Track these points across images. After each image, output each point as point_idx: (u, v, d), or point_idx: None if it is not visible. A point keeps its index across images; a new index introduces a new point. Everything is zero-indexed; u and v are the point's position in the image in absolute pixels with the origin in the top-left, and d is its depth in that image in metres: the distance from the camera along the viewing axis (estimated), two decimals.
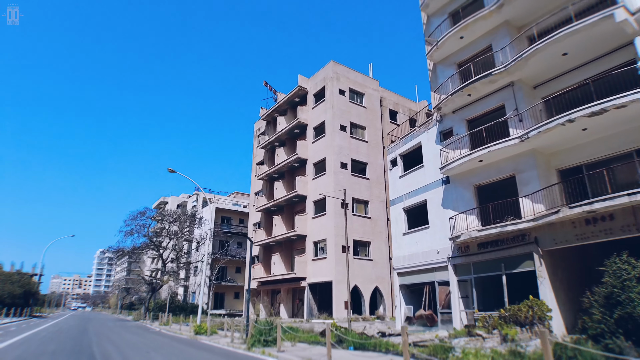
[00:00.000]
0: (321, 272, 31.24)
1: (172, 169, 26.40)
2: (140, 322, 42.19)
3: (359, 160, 34.35)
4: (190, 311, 46.27)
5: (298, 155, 35.14)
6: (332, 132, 33.31)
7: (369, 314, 31.17)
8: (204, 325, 23.43)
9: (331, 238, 30.99)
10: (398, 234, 25.05)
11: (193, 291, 52.58)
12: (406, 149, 25.56)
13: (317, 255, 32.30)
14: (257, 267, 38.29)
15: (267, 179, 40.55)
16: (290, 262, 36.26)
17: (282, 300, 35.10)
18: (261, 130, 44.48)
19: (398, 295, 24.37)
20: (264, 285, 37.66)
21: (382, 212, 34.48)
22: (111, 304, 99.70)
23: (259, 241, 38.44)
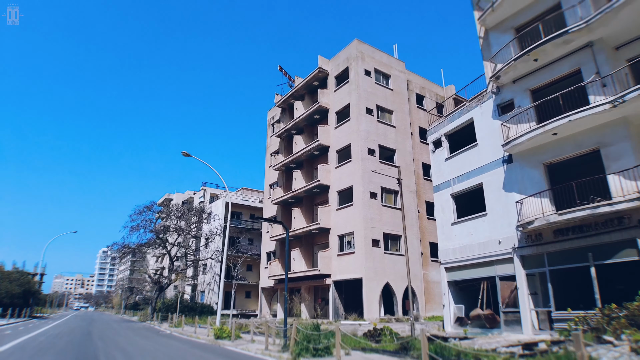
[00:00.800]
0: (348, 269, 27.93)
1: (187, 152, 23.14)
2: (148, 324, 38.82)
3: (386, 147, 31.06)
4: (200, 311, 42.97)
5: (319, 142, 31.84)
6: (358, 115, 30.02)
7: (402, 314, 27.86)
8: (225, 328, 20.09)
9: (360, 231, 27.69)
10: (445, 224, 21.75)
11: (202, 290, 49.22)
12: (453, 127, 22.28)
13: (344, 250, 28.98)
14: (274, 263, 34.96)
15: (284, 169, 37.22)
16: (311, 258, 32.96)
17: (303, 300, 31.78)
18: (276, 118, 41.18)
19: (446, 293, 21.07)
20: (281, 283, 34.33)
21: (412, 203, 31.18)
22: (114, 304, 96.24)
23: (275, 236, 35.12)
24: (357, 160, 29.20)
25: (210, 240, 46.20)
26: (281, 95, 39.67)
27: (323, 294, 31.90)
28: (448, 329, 20.37)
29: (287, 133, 37.32)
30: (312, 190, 32.52)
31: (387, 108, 32.13)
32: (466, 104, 21.82)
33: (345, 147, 30.78)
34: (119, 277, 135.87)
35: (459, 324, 20.32)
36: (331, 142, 32.25)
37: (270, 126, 42.15)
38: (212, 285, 46.87)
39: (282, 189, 36.93)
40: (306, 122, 35.51)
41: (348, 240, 28.87)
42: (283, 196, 35.25)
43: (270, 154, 40.81)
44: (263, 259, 38.44)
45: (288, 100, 38.13)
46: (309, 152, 33.42)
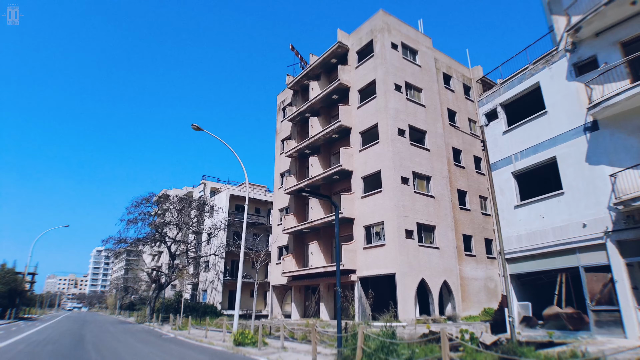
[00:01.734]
0: (377, 263, 24.33)
1: (197, 125, 19.42)
2: (147, 326, 34.89)
3: (417, 128, 27.54)
4: (204, 312, 39.14)
5: (341, 123, 28.22)
6: (386, 92, 26.47)
7: (438, 313, 24.33)
8: (247, 332, 16.34)
9: (391, 220, 24.11)
10: (506, 208, 18.26)
11: (204, 289, 45.33)
12: (511, 95, 18.82)
13: (371, 242, 25.37)
14: (287, 258, 31.25)
15: (297, 155, 33.54)
16: (331, 252, 29.31)
17: (323, 298, 28.09)
18: (287, 102, 37.49)
19: (510, 290, 17.52)
20: (296, 281, 30.63)
21: (445, 191, 27.68)
22: (109, 304, 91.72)
23: (288, 228, 31.41)
24: (386, 141, 25.63)
25: (213, 235, 42.33)
26: (293, 77, 36.02)
27: (347, 292, 28.25)
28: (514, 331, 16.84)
29: (300, 116, 33.65)
30: (332, 177, 28.88)
31: (415, 85, 28.62)
32: (528, 67, 18.32)
33: (370, 127, 27.21)
34: (113, 276, 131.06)
35: (525, 325, 16.82)
36: (353, 123, 28.66)
37: (280, 111, 38.45)
38: (215, 284, 43.03)
39: (295, 177, 33.24)
40: (323, 104, 31.89)
41: (376, 232, 25.26)
42: (297, 185, 31.57)
43: (280, 141, 37.11)
44: (274, 255, 34.71)
45: (301, 81, 34.47)
46: (327, 135, 29.79)
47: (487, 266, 28.81)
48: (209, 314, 38.88)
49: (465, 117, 32.06)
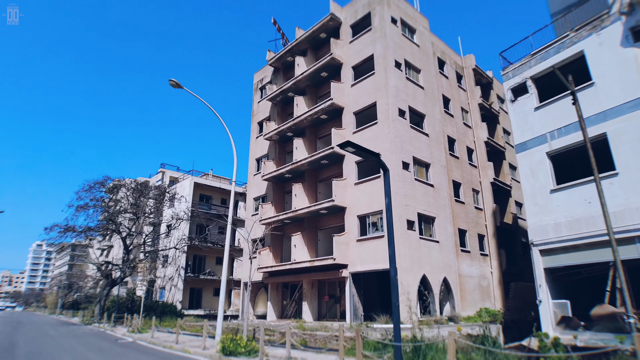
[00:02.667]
0: (375, 257, 21.30)
1: (176, 81, 15.48)
2: (96, 327, 29.87)
3: (416, 110, 24.86)
4: (162, 312, 34.43)
5: (333, 102, 24.98)
6: (386, 68, 23.58)
7: (439, 313, 21.66)
8: (239, 338, 12.64)
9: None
10: (539, 192, 15.73)
11: (162, 286, 40.44)
12: (546, 67, 16.38)
13: (367, 233, 22.29)
14: (264, 252, 27.55)
15: (277, 138, 29.91)
16: (314, 245, 25.98)
17: (305, 297, 24.66)
18: (266, 80, 33.73)
19: (542, 285, 15.02)
20: (275, 277, 27.00)
21: (444, 180, 25.18)
22: (48, 303, 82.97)
23: (266, 219, 27.74)
24: (386, 121, 22.70)
25: (174, 227, 37.67)
26: (274, 53, 32.40)
27: (331, 290, 25.01)
28: (550, 333, 14.29)
29: (282, 95, 30.06)
30: (319, 161, 25.57)
31: (414, 65, 25.96)
32: (569, 35, 15.95)
33: (367, 107, 24.19)
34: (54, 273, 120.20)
35: (565, 327, 14.32)
36: (346, 103, 25.52)
37: (257, 90, 34.60)
38: (175, 281, 38.35)
39: (274, 162, 29.60)
40: (309, 82, 28.51)
41: (373, 222, 22.22)
42: (277, 171, 27.96)
43: (257, 123, 33.28)
44: (246, 249, 30.80)
45: (284, 57, 30.91)
46: (314, 115, 26.45)
47: (480, 263, 26.61)
48: (169, 314, 34.26)
49: (458, 105, 29.84)
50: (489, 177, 29.78)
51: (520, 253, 30.70)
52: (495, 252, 28.14)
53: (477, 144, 30.56)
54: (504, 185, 30.89)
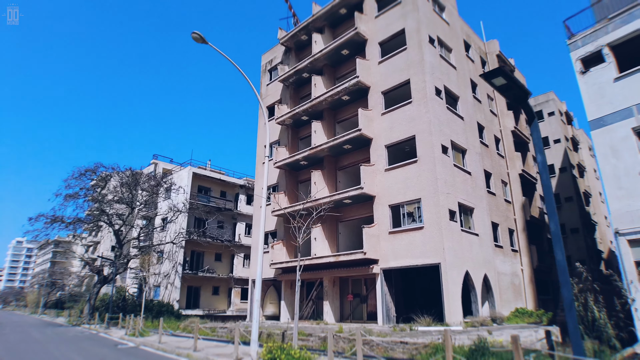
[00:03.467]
0: (412, 251, 18.73)
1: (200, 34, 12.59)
2: (87, 329, 26.57)
3: (450, 91, 22.42)
4: (158, 312, 31.30)
5: (359, 80, 22.32)
6: (420, 43, 21.05)
7: (482, 314, 19.24)
8: (288, 347, 9.87)
9: (430, 197, 18.65)
10: (623, 174, 13.39)
11: (156, 284, 37.15)
12: (628, 32, 14.03)
13: (401, 225, 19.68)
14: (277, 246, 24.73)
15: (291, 122, 27.09)
16: (335, 238, 23.30)
17: (327, 296, 21.93)
18: (275, 62, 30.85)
19: (634, 281, 12.65)
20: (289, 274, 24.20)
21: (479, 168, 22.82)
22: (29, 302, 78.18)
23: (279, 210, 24.93)
24: (423, 100, 20.16)
25: (171, 219, 34.48)
26: (286, 31, 29.60)
27: (355, 288, 22.35)
28: None
29: (296, 76, 27.26)
30: (341, 146, 22.89)
31: (446, 43, 23.53)
32: None
33: (398, 85, 21.61)
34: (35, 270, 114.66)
35: None
36: (373, 82, 22.89)
37: (265, 73, 31.68)
38: (171, 278, 35.16)
39: (287, 148, 26.81)
40: (327, 61, 25.80)
41: (408, 212, 19.63)
42: (292, 157, 25.17)
43: (266, 107, 30.42)
44: (256, 244, 27.89)
45: (298, 35, 28.13)
46: (335, 96, 23.75)
47: (511, 260, 24.31)
48: (165, 314, 31.14)
49: (484, 91, 27.52)
50: (517, 168, 27.55)
51: (547, 250, 28.59)
52: (526, 248, 25.91)
53: (504, 133, 28.33)
54: (530, 178, 28.72)
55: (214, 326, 20.72)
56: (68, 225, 29.93)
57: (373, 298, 20.98)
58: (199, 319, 24.58)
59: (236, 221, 40.02)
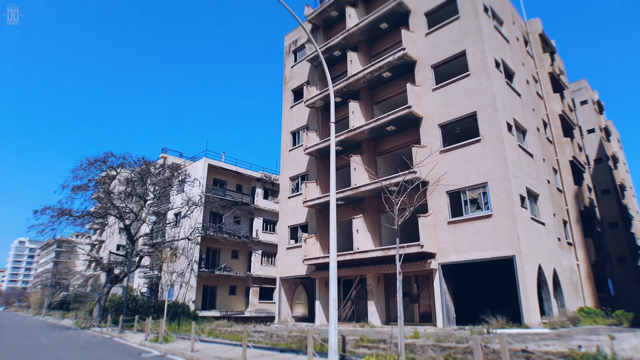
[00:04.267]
0: (478, 243, 16.08)
1: None
2: (98, 333, 23.81)
3: (507, 65, 19.79)
4: (174, 313, 28.61)
5: (405, 52, 19.62)
6: (476, 11, 18.43)
7: (556, 312, 16.57)
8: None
9: (499, 181, 16.02)
10: None
11: (170, 283, 34.36)
12: None
13: (462, 213, 17.01)
14: (310, 240, 21.99)
15: (322, 105, 24.38)
16: (378, 231, 20.60)
17: (371, 295, 19.21)
18: (301, 42, 28.16)
19: None
20: (324, 271, 21.47)
21: (539, 151, 20.28)
22: (32, 303, 75.27)
23: (311, 200, 22.25)
24: (483, 72, 17.53)
25: (186, 214, 31.72)
26: (312, 8, 26.93)
27: (405, 286, 19.61)
28: None
29: (327, 54, 24.56)
30: (385, 127, 20.22)
31: (498, 15, 20.91)
32: None
33: (451, 58, 18.96)
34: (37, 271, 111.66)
35: None
36: (420, 55, 20.25)
37: (289, 54, 28.96)
38: (187, 277, 32.41)
39: (317, 133, 24.13)
40: (363, 37, 23.14)
41: (471, 198, 16.96)
42: (324, 142, 22.47)
43: (291, 91, 27.64)
44: (283, 238, 25.17)
45: (328, 11, 25.44)
46: (375, 73, 21.08)
47: (567, 254, 21.66)
48: (181, 315, 28.45)
49: (529, 72, 24.86)
50: (567, 154, 24.93)
51: (599, 243, 25.98)
52: (581, 241, 23.27)
53: (551, 117, 25.71)
54: (579, 165, 26.09)
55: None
56: (76, 220, 27.15)
57: (426, 297, 18.31)
58: (225, 321, 21.89)
59: (253, 216, 37.28)
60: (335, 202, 10.37)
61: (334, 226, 9.96)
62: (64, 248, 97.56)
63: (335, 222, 10.01)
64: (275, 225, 38.68)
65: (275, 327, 20.01)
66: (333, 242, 9.69)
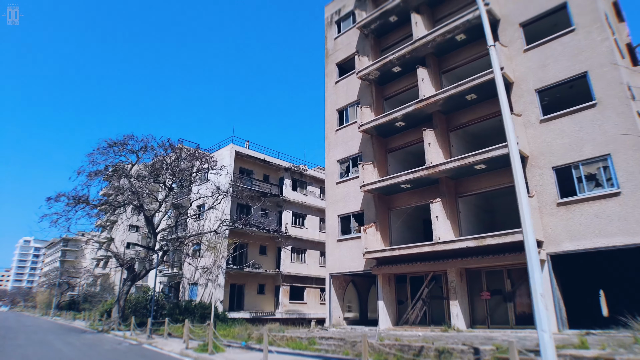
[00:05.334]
0: (600, 228, 12.92)
1: None
2: (121, 338, 20.65)
3: (609, 22, 16.65)
4: (202, 315, 25.62)
5: (490, 7, 16.48)
6: None
7: None
8: None
9: (625, 152, 12.90)
10: None
11: (194, 282, 31.24)
12: None
13: (577, 192, 13.83)
14: (370, 230, 18.80)
15: (377, 76, 21.17)
16: (456, 218, 17.41)
17: (454, 294, 16.03)
18: (345, 11, 24.99)
19: None
20: (388, 266, 18.27)
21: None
22: (39, 303, 72.25)
23: (371, 183, 19.10)
24: (594, 26, 14.46)
25: (212, 205, 28.60)
26: None
27: (493, 283, 16.42)
28: None
29: (381, 20, 21.39)
30: (463, 96, 17.10)
31: None
32: None
33: (547, 12, 15.87)
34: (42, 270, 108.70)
35: None
36: (503, 13, 17.15)
37: (331, 25, 25.78)
38: (214, 274, 29.27)
39: (371, 109, 20.99)
40: None
41: (587, 174, 13.80)
42: (387, 115, 19.26)
43: (335, 64, 24.51)
44: (332, 229, 21.97)
45: None
46: (447, 35, 17.95)
47: None
48: (209, 317, 25.31)
49: None
50: None
51: None
52: None
53: None
54: None
55: (309, 335, 14.85)
56: (93, 208, 24.03)
57: (523, 295, 15.13)
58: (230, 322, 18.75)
59: (282, 209, 34.16)
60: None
61: (523, 188, 6.82)
62: (70, 247, 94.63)
63: (523, 184, 6.86)
64: (305, 219, 35.61)
65: (337, 331, 16.91)
66: (527, 214, 6.57)
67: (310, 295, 34.02)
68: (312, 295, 34.26)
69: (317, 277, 34.49)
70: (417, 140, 19.39)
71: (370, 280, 22.62)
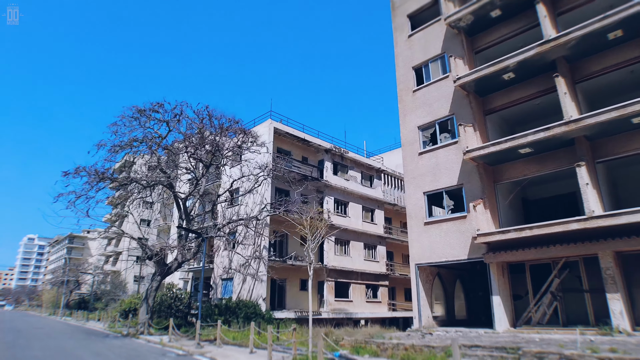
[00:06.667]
0: None
1: None
2: (158, 345, 16.66)
3: None
4: (245, 316, 21.71)
5: None
6: None
7: None
8: None
9: None
10: None
11: (227, 277, 27.27)
12: None
13: None
14: (479, 208, 14.80)
15: (467, 24, 17.16)
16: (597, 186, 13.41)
17: (614, 285, 12.06)
18: None
19: None
20: (501, 253, 14.29)
21: None
22: (45, 301, 68.33)
23: (475, 149, 15.12)
24: None
25: (251, 188, 24.66)
26: None
27: None
28: None
29: None
30: (603, 34, 13.11)
31: None
32: None
33: None
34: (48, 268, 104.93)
35: None
36: None
37: None
38: (254, 268, 25.35)
39: (464, 61, 16.99)
40: None
41: None
42: (495, 64, 15.26)
43: (406, 16, 20.44)
44: (418, 209, 17.93)
45: None
46: None
47: None
48: (253, 318, 21.37)
49: None
50: None
51: None
52: None
53: None
54: None
55: (394, 342, 10.88)
56: (117, 187, 20.03)
57: None
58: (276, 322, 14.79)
59: (323, 195, 30.18)
60: None
61: None
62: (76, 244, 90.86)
63: None
64: (347, 206, 31.66)
65: (448, 336, 12.98)
66: None
67: (355, 292, 30.08)
68: (358, 292, 30.33)
69: (362, 272, 30.60)
70: (524, 99, 15.62)
71: (456, 273, 18.69)
